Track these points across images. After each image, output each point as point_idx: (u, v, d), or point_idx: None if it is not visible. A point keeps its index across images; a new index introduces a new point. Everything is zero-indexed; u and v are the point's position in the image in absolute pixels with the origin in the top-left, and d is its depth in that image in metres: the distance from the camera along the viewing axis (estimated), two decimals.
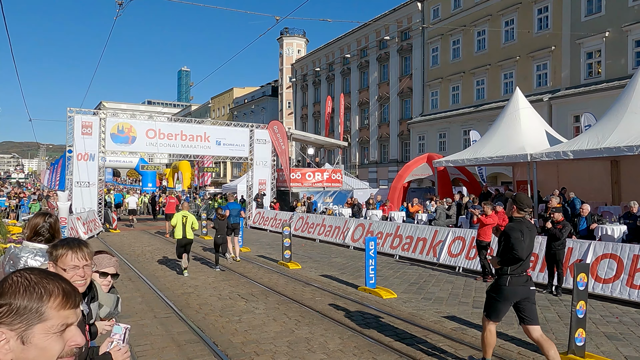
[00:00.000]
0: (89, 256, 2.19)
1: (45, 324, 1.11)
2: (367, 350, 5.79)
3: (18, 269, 1.23)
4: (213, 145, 24.66)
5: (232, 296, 8.70)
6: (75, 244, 2.17)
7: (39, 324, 1.10)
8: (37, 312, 1.11)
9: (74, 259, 2.12)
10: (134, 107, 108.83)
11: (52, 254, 2.15)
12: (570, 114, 25.13)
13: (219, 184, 53.30)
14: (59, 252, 2.13)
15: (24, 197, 24.76)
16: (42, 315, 1.11)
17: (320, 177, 28.01)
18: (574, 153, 12.97)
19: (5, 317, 1.08)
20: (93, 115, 22.53)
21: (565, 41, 25.95)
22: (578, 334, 5.36)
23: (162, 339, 6.20)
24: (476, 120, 29.96)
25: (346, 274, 11.14)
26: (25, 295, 1.11)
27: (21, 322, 1.09)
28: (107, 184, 31.26)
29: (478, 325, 6.90)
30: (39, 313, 1.11)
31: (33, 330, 1.10)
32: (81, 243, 2.20)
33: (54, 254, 2.14)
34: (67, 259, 2.11)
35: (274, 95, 59.43)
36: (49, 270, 1.48)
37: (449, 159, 17.74)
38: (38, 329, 1.10)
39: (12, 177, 70.03)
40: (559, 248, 8.88)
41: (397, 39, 39.06)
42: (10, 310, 1.09)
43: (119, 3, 12.50)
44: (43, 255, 2.80)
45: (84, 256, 2.15)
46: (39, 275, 1.17)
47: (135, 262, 12.71)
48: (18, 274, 1.17)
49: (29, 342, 1.09)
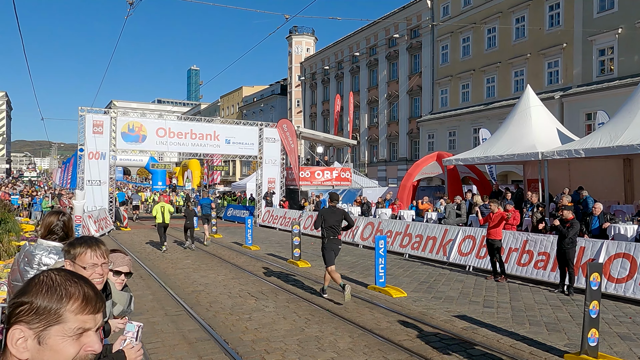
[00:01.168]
0: (106, 254, 2.21)
1: (62, 327, 1.10)
2: (378, 349, 5.78)
3: (46, 268, 1.24)
4: (222, 143, 24.75)
5: (242, 294, 8.73)
6: (93, 242, 2.19)
7: (56, 325, 1.10)
8: (56, 313, 1.10)
9: (92, 257, 2.14)
10: (144, 106, 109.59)
11: (69, 252, 2.17)
12: (582, 111, 24.86)
13: (228, 182, 53.50)
14: (77, 250, 2.15)
15: (36, 196, 25.04)
16: (60, 317, 1.10)
17: (330, 175, 27.99)
18: (585, 151, 12.83)
19: (25, 315, 1.09)
20: (104, 114, 22.71)
21: (577, 38, 25.67)
22: (591, 334, 5.31)
23: (173, 337, 6.24)
24: (486, 119, 29.75)
25: (356, 272, 11.14)
26: (47, 296, 1.11)
27: (40, 322, 1.09)
28: (117, 183, 32.24)
29: (489, 324, 6.87)
30: (57, 315, 1.10)
31: (50, 332, 1.09)
32: (98, 241, 2.22)
33: (71, 252, 2.16)
34: (86, 257, 2.13)
35: (283, 94, 59.48)
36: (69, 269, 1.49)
37: (459, 158, 17.64)
38: (55, 331, 1.10)
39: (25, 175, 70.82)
40: (568, 247, 8.80)
41: (407, 36, 38.89)
42: (31, 309, 1.09)
43: (130, 2, 12.57)
44: (57, 253, 2.83)
45: (102, 254, 2.17)
46: (64, 277, 1.17)
47: (146, 259, 12.80)
48: (45, 273, 1.17)
49: (45, 343, 1.09)
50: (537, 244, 10.22)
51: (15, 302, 1.11)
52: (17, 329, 1.08)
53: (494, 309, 7.77)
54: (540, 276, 9.81)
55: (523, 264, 10.29)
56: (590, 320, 5.33)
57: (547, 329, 6.69)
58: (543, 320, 7.16)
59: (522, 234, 10.87)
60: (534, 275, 9.94)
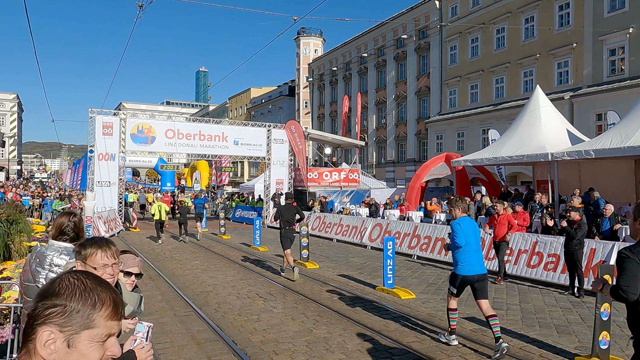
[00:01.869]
0: (117, 254, 2.23)
1: (92, 332, 1.12)
2: (386, 351, 5.76)
3: (70, 270, 1.25)
4: (231, 145, 24.82)
5: (250, 295, 8.75)
6: (104, 243, 2.21)
7: (86, 330, 1.12)
8: (89, 318, 1.12)
9: (103, 258, 2.16)
10: (153, 107, 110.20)
11: (80, 253, 2.20)
12: (592, 112, 24.64)
13: (236, 183, 53.65)
14: (88, 251, 2.18)
15: (47, 197, 25.28)
16: (92, 323, 1.12)
17: (338, 176, 27.97)
18: (596, 152, 12.71)
19: (57, 317, 1.10)
20: (113, 115, 22.89)
21: (587, 38, 25.46)
22: (602, 337, 5.26)
23: (182, 337, 6.27)
24: (495, 119, 29.59)
25: (364, 273, 11.12)
26: (81, 300, 1.12)
27: (72, 325, 1.10)
28: (127, 184, 33.04)
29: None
30: (89, 320, 1.12)
31: (80, 336, 1.11)
32: (109, 242, 2.25)
33: (82, 253, 2.19)
34: (97, 258, 2.16)
35: (291, 95, 59.58)
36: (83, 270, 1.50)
37: (468, 159, 17.55)
38: (84, 335, 1.11)
39: (36, 176, 71.55)
40: (576, 248, 8.73)
41: (415, 37, 38.80)
42: (64, 312, 1.10)
43: (140, 5, 12.67)
44: (68, 253, 2.85)
45: (112, 254, 2.19)
46: (94, 281, 1.19)
47: (155, 260, 12.87)
48: (75, 276, 1.18)
49: (74, 346, 1.10)
50: (547, 246, 10.14)
51: (45, 303, 1.12)
52: (47, 331, 1.09)
53: (504, 311, 7.72)
54: (550, 278, 9.73)
55: (533, 265, 10.21)
56: (601, 322, 5.28)
57: (558, 332, 6.63)
58: (553, 322, 7.10)
59: (532, 236, 10.79)
60: (543, 277, 9.86)
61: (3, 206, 8.36)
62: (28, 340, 1.10)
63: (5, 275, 6.45)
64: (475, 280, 5.83)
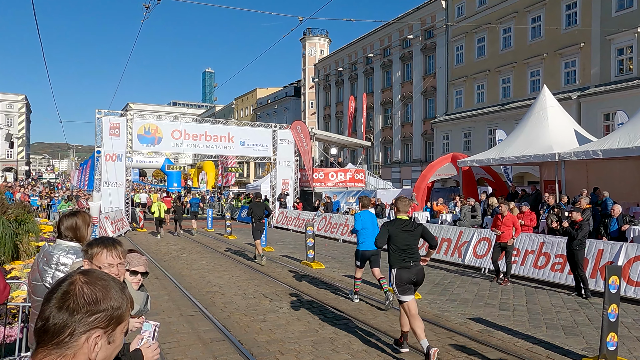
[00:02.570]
0: (123, 255, 2.25)
1: (122, 325, 1.21)
2: (392, 351, 5.75)
3: (81, 270, 1.28)
4: (237, 145, 24.91)
5: (256, 295, 8.77)
6: (110, 243, 2.24)
7: (119, 324, 1.19)
8: (123, 314, 1.20)
9: (108, 257, 2.19)
10: (159, 108, 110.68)
11: (87, 252, 2.23)
12: (600, 112, 24.47)
13: (242, 184, 53.76)
14: (94, 250, 2.21)
15: (54, 197, 25.45)
16: (124, 317, 1.21)
17: (343, 177, 27.97)
18: (604, 152, 12.64)
19: (102, 321, 1.15)
20: (120, 116, 23.02)
21: (594, 37, 25.29)
22: (610, 338, 5.22)
23: (189, 337, 6.29)
24: (502, 119, 29.47)
25: (370, 274, 11.07)
26: (117, 299, 1.19)
27: (112, 324, 1.17)
28: (134, 184, 33.52)
29: (505, 327, 6.80)
30: (124, 315, 1.20)
31: (117, 331, 1.19)
32: (115, 242, 2.27)
33: (89, 252, 2.22)
34: (102, 257, 2.18)
35: (296, 96, 59.64)
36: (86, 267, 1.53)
37: (474, 159, 17.49)
38: (119, 329, 1.20)
39: (44, 177, 72.08)
40: (576, 248, 8.68)
41: (421, 37, 38.72)
42: (107, 315, 1.16)
43: (146, 6, 12.74)
44: (75, 252, 2.88)
45: (118, 254, 2.21)
46: (113, 280, 1.25)
47: (162, 260, 12.93)
48: (95, 278, 1.20)
49: (113, 341, 1.18)
50: (553, 246, 10.09)
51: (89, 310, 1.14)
52: (95, 336, 1.13)
53: (510, 312, 7.69)
54: (557, 279, 9.68)
55: (540, 266, 10.16)
56: (609, 324, 5.24)
57: (565, 333, 6.59)
58: (560, 323, 7.06)
59: (539, 236, 10.74)
60: (550, 278, 9.80)
61: (11, 206, 8.44)
62: (65, 347, 1.11)
63: (14, 275, 6.51)
64: (371, 254, 7.94)
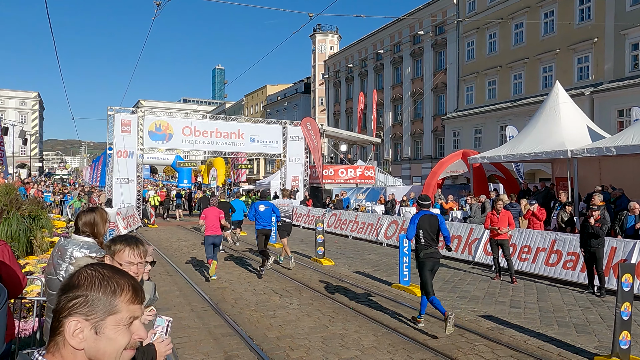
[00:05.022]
0: (144, 254, 2.30)
1: (116, 317, 1.19)
2: (402, 348, 5.76)
3: (89, 263, 1.30)
4: (247, 142, 24.98)
5: (266, 291, 8.81)
6: (133, 242, 2.28)
7: (110, 315, 1.18)
8: (110, 304, 1.19)
9: (130, 256, 2.23)
10: (170, 105, 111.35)
11: (110, 248, 2.29)
12: (613, 108, 24.16)
13: (252, 180, 53.93)
14: (117, 247, 2.26)
15: (67, 193, 25.73)
16: (115, 308, 1.19)
17: (353, 173, 27.94)
18: (617, 149, 12.47)
19: (81, 307, 1.16)
20: (132, 113, 23.18)
21: (608, 32, 24.94)
22: (623, 337, 5.17)
23: (199, 332, 6.34)
24: (513, 116, 29.21)
25: (379, 271, 11.10)
26: (100, 288, 1.19)
27: (96, 312, 1.17)
28: (148, 181, 33.92)
29: (516, 325, 6.76)
30: (111, 305, 1.19)
31: (105, 322, 1.18)
32: (138, 241, 2.31)
33: (112, 249, 2.27)
34: (124, 255, 2.23)
35: (306, 92, 59.61)
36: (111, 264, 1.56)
37: (485, 156, 17.37)
38: (110, 321, 1.18)
39: (57, 173, 72.88)
40: (598, 246, 8.58)
41: (432, 33, 38.47)
42: (86, 302, 1.17)
43: (157, 3, 12.80)
44: (88, 247, 2.93)
45: (139, 254, 2.26)
46: (111, 270, 1.26)
47: (173, 256, 13.03)
48: (92, 267, 1.24)
49: (102, 332, 1.17)
50: (565, 244, 10.00)
51: (68, 296, 1.18)
52: (74, 321, 1.15)
53: (521, 310, 7.65)
54: (569, 277, 9.59)
55: (551, 264, 10.08)
56: (621, 322, 5.19)
57: (577, 331, 6.54)
58: (572, 321, 7.01)
59: (551, 234, 10.65)
60: (562, 276, 9.72)
61: (25, 202, 8.55)
62: (56, 333, 1.16)
63: (28, 270, 6.60)
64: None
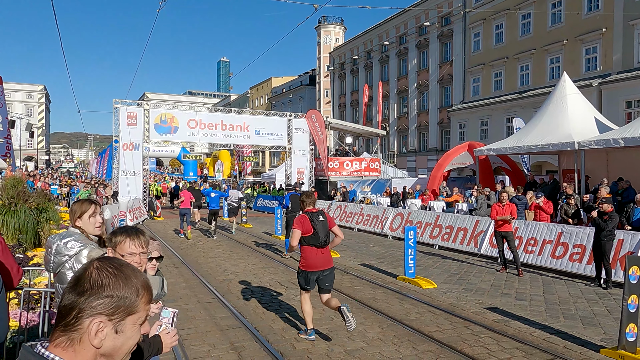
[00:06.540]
0: (145, 244, 2.29)
1: (135, 316, 1.21)
2: (407, 340, 5.77)
3: (99, 257, 1.29)
4: (252, 134, 24.97)
5: (272, 283, 8.85)
6: (133, 232, 2.28)
7: (130, 316, 1.20)
8: (132, 305, 1.20)
9: (131, 246, 2.23)
10: (175, 97, 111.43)
11: (111, 240, 2.29)
12: (622, 99, 23.91)
13: (257, 173, 54.00)
14: (118, 239, 2.26)
15: (74, 186, 25.88)
16: (135, 308, 1.21)
17: (359, 166, 27.90)
18: (625, 141, 12.36)
19: (106, 308, 1.17)
20: (137, 106, 23.21)
21: (617, 23, 24.62)
22: (629, 329, 5.15)
23: (206, 324, 6.38)
24: (520, 107, 29.00)
25: (385, 263, 11.11)
26: (125, 289, 1.20)
27: (119, 313, 1.18)
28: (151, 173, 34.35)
29: (522, 317, 6.75)
30: (134, 305, 1.21)
31: (126, 321, 1.20)
32: (138, 231, 2.31)
33: (112, 241, 2.28)
34: (125, 246, 2.23)
35: (311, 84, 59.46)
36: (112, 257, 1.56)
37: (491, 148, 17.28)
38: (129, 320, 1.20)
39: (63, 166, 73.33)
40: (605, 239, 8.54)
41: (437, 24, 38.17)
42: (112, 303, 1.17)
43: None
44: (69, 235, 2.89)
45: (140, 244, 2.26)
46: (128, 269, 1.25)
47: (179, 248, 13.10)
48: (111, 265, 1.22)
49: (122, 331, 1.19)
50: (572, 236, 9.95)
51: (92, 295, 1.16)
52: (97, 322, 1.15)
53: (527, 302, 7.63)
54: (575, 269, 9.56)
55: (557, 256, 10.04)
56: (628, 314, 5.17)
57: (583, 323, 6.53)
58: (578, 314, 6.99)
59: (557, 226, 10.60)
60: (568, 268, 9.69)
61: (33, 195, 8.60)
62: (71, 330, 1.15)
63: (36, 262, 6.66)
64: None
